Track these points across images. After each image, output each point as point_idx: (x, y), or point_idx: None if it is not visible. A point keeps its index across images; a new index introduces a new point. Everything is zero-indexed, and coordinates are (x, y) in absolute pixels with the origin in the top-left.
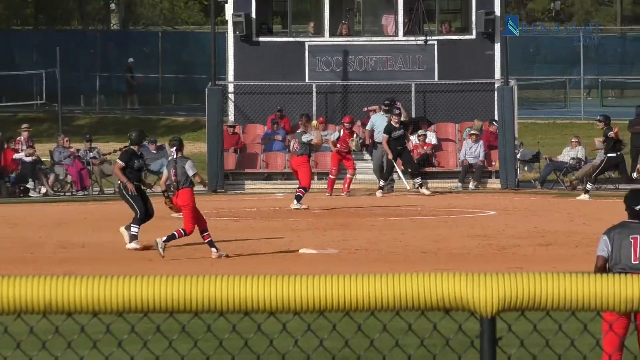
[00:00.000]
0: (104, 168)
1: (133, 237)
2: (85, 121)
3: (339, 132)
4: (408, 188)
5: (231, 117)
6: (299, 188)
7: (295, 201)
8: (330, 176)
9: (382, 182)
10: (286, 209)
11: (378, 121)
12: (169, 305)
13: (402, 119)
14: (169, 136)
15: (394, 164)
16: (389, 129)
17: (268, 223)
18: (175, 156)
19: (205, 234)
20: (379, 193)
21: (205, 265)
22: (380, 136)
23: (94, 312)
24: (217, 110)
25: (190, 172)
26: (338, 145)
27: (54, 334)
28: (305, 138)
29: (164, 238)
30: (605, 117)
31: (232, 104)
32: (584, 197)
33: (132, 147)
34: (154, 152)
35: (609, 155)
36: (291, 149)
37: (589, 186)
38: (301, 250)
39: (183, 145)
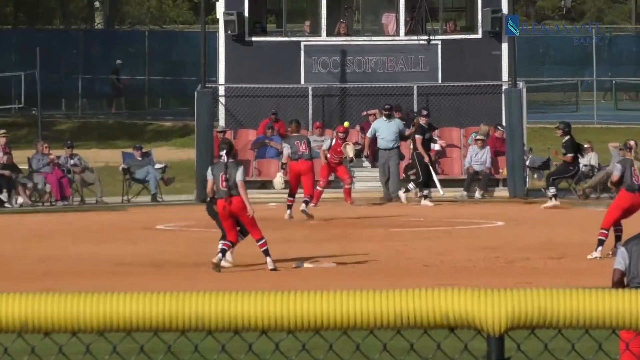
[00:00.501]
0: (86, 176)
1: (223, 252)
2: (67, 126)
3: (331, 140)
4: (441, 194)
5: (222, 121)
6: (305, 195)
7: (304, 204)
8: (317, 188)
9: (411, 185)
10: (283, 218)
11: (381, 127)
12: (154, 323)
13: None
14: (155, 142)
15: (430, 168)
16: (422, 131)
17: None
18: (226, 160)
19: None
20: (403, 197)
21: (192, 280)
22: (384, 142)
23: (73, 331)
24: (207, 115)
25: (238, 179)
26: (328, 156)
27: (30, 354)
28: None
29: (268, 260)
30: (565, 124)
31: (223, 107)
32: (550, 203)
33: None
34: (139, 159)
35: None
36: (298, 151)
37: (552, 191)
38: (297, 264)
39: (233, 148)
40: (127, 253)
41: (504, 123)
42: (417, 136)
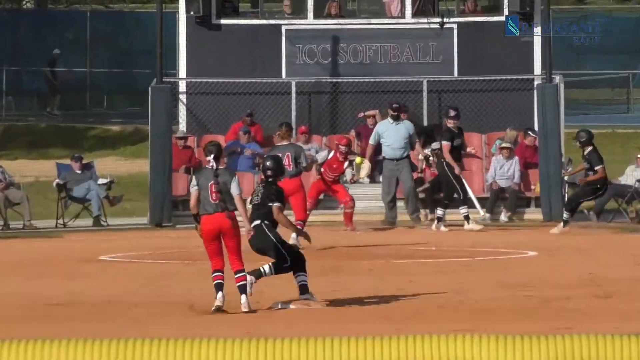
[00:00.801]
0: (10, 194)
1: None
2: None
3: (328, 152)
4: (482, 214)
5: (182, 125)
6: (297, 221)
7: (294, 235)
8: None
9: (463, 210)
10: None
11: (387, 131)
12: None
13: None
14: (98, 151)
15: (463, 180)
16: (451, 135)
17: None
18: (215, 167)
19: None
20: (475, 227)
21: (143, 325)
22: (390, 150)
23: None
24: (164, 117)
25: (235, 192)
26: (322, 170)
27: None
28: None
29: (243, 299)
30: (586, 132)
31: (184, 107)
32: (557, 229)
33: (273, 178)
34: (78, 172)
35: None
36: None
37: (566, 216)
38: (279, 306)
39: (222, 152)
40: (62, 291)
41: (536, 127)
42: (445, 142)
